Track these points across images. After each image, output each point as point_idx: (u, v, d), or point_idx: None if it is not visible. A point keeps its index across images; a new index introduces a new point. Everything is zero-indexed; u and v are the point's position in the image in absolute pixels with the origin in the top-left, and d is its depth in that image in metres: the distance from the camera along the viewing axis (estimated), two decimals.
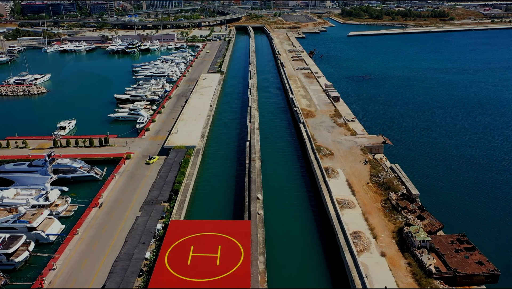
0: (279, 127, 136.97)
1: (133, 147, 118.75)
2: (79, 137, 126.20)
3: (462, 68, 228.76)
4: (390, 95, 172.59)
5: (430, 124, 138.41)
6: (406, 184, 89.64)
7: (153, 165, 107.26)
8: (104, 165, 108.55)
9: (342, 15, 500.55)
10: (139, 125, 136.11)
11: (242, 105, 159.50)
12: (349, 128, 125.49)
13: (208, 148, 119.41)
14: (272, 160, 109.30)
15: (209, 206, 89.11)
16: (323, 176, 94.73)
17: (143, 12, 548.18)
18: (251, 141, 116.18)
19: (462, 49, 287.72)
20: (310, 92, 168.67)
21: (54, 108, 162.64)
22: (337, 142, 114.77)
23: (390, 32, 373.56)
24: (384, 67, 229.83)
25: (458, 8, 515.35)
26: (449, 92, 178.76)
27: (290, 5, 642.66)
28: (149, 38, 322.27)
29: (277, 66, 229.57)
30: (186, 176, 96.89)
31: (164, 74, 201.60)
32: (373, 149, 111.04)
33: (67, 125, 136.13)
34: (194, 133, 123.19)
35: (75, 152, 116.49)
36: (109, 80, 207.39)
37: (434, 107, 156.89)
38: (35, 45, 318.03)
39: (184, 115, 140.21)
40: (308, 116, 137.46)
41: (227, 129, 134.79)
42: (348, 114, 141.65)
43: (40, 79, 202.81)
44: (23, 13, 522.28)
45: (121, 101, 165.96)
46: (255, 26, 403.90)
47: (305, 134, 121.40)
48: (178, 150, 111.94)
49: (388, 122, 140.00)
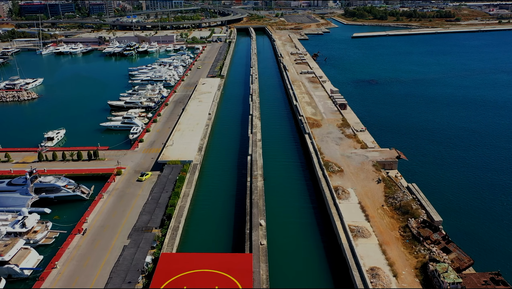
0: (283, 138, 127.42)
1: (124, 161, 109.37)
2: (67, 149, 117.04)
3: (475, 71, 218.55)
4: (400, 102, 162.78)
5: (449, 137, 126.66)
6: (427, 208, 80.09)
7: (146, 182, 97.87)
8: (92, 182, 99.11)
9: (345, 16, 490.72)
10: (133, 136, 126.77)
11: (243, 112, 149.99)
12: (359, 140, 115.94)
13: (206, 163, 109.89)
14: (276, 178, 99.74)
15: (205, 234, 79.62)
16: (333, 197, 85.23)
17: (142, 12, 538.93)
18: (252, 155, 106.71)
19: (472, 51, 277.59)
20: (315, 98, 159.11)
21: (44, 116, 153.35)
22: (347, 157, 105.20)
23: (395, 33, 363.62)
24: (391, 71, 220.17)
25: (464, 8, 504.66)
26: (465, 98, 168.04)
27: (292, 5, 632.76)
28: (148, 39, 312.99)
29: (280, 69, 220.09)
30: (180, 197, 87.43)
31: (162, 78, 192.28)
32: (386, 165, 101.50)
33: (55, 135, 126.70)
34: (191, 145, 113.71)
35: (62, 166, 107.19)
36: (104, 84, 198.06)
37: (451, 117, 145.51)
38: (30, 46, 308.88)
39: (181, 125, 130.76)
40: (314, 126, 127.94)
41: (226, 141, 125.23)
42: (357, 123, 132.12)
43: (31, 83, 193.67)
44: (21, 14, 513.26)
45: (115, 108, 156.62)
46: (257, 27, 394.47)
47: (311, 146, 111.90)
48: (173, 165, 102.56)
49: (400, 132, 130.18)
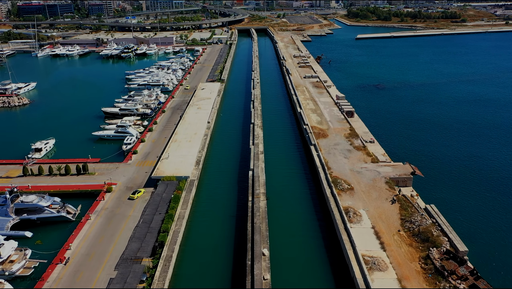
0: (287, 150, 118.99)
1: (116, 176, 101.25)
2: (55, 162, 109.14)
3: (487, 75, 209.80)
4: (410, 109, 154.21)
5: (468, 149, 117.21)
6: (449, 235, 71.62)
7: (138, 200, 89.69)
8: (80, 200, 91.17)
9: (348, 16, 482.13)
10: (126, 146, 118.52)
11: (244, 121, 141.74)
12: (369, 153, 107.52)
13: (204, 178, 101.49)
14: (280, 196, 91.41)
15: (201, 265, 71.21)
16: (343, 221, 76.90)
17: (142, 13, 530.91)
18: (254, 170, 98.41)
19: (481, 53, 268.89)
20: (320, 105, 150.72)
21: (34, 124, 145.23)
22: (357, 172, 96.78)
23: (400, 34, 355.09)
24: (398, 74, 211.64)
25: (469, 9, 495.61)
26: (481, 104, 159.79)
27: (294, 6, 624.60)
28: (146, 41, 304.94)
29: (282, 73, 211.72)
30: (175, 220, 79.17)
31: (159, 83, 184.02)
32: (400, 182, 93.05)
33: (43, 146, 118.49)
34: (188, 158, 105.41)
35: (48, 182, 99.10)
36: (99, 89, 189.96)
37: (468, 125, 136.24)
38: (26, 48, 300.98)
39: (178, 135, 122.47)
40: (320, 136, 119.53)
41: (226, 153, 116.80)
42: (365, 133, 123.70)
43: (23, 88, 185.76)
44: (19, 14, 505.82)
45: (109, 115, 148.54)
46: (258, 28, 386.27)
47: (317, 160, 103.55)
48: (168, 182, 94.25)
49: (412, 143, 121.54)
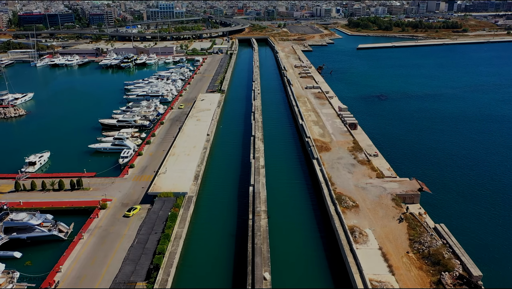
0: (288, 164, 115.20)
1: (111, 191, 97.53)
2: (49, 176, 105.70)
3: (492, 85, 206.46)
4: (414, 121, 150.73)
5: (477, 163, 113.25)
6: (461, 257, 67.62)
7: (133, 218, 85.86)
8: (73, 218, 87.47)
9: (349, 26, 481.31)
10: (123, 160, 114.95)
11: (245, 133, 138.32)
12: (374, 167, 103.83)
13: (202, 194, 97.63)
14: (281, 214, 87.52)
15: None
16: (349, 241, 72.95)
17: (142, 23, 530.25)
18: (255, 186, 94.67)
19: (484, 64, 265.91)
20: (323, 117, 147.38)
21: (29, 136, 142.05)
22: (362, 188, 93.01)
23: (402, 44, 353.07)
24: (401, 85, 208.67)
25: (470, 19, 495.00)
26: (487, 116, 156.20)
27: (294, 16, 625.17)
28: (146, 51, 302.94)
29: (284, 83, 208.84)
30: (171, 241, 75.23)
31: (158, 93, 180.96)
32: (407, 198, 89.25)
33: (37, 159, 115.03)
34: (186, 173, 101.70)
35: (40, 197, 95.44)
36: (97, 99, 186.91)
37: (476, 138, 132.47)
38: (26, 58, 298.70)
39: (176, 148, 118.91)
40: (323, 150, 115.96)
41: (226, 167, 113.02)
42: (369, 146, 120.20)
43: (20, 99, 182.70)
44: (20, 24, 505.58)
45: (106, 127, 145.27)
46: (259, 38, 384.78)
47: (320, 175, 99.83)
48: (165, 198, 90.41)
49: (418, 157, 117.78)
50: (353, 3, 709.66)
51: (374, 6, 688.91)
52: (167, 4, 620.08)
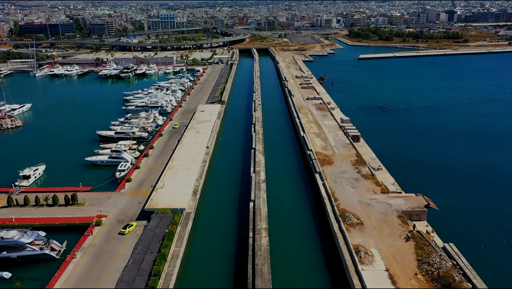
0: (290, 178, 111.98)
1: (107, 206, 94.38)
2: (43, 190, 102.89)
3: (496, 97, 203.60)
4: (418, 133, 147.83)
5: (485, 178, 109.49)
6: (473, 280, 64.20)
7: (129, 236, 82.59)
8: (67, 235, 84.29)
9: (350, 36, 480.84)
10: (120, 173, 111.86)
11: (245, 145, 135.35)
12: (378, 182, 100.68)
13: (201, 210, 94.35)
14: (283, 231, 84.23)
15: None
16: (354, 263, 69.55)
17: (143, 33, 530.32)
18: (255, 201, 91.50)
19: (486, 75, 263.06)
20: (325, 129, 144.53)
21: (25, 147, 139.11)
22: (366, 204, 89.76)
23: (403, 54, 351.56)
24: (403, 96, 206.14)
25: (471, 29, 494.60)
26: (494, 128, 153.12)
27: (295, 26, 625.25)
28: (146, 61, 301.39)
29: (285, 94, 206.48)
30: (168, 261, 71.88)
31: (158, 104, 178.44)
32: (413, 215, 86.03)
33: (32, 173, 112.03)
34: (184, 188, 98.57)
35: (33, 213, 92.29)
36: (96, 110, 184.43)
37: (482, 151, 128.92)
38: (25, 68, 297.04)
39: (174, 161, 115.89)
40: (325, 163, 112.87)
41: (226, 181, 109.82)
42: (373, 159, 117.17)
43: (18, 109, 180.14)
44: (21, 34, 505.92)
45: (104, 139, 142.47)
46: (260, 48, 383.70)
47: (323, 190, 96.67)
48: (162, 214, 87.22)
49: (423, 171, 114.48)
50: (353, 14, 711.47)
51: (374, 16, 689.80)
52: (168, 14, 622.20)
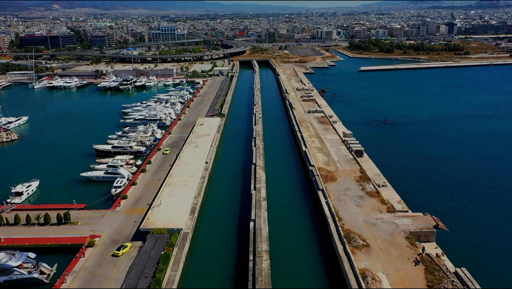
0: (292, 195, 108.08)
1: (101, 226, 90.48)
2: (35, 208, 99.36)
3: (500, 109, 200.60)
4: (423, 147, 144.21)
5: (496, 195, 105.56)
6: None
7: (123, 258, 78.49)
8: (58, 256, 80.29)
9: (350, 48, 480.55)
10: (115, 190, 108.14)
11: (245, 160, 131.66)
12: (383, 200, 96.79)
13: (199, 230, 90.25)
14: (285, 254, 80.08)
15: None
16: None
17: (143, 44, 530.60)
18: (256, 221, 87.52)
19: (489, 87, 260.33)
20: (327, 143, 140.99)
21: (19, 162, 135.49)
22: (372, 225, 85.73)
23: (404, 67, 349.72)
24: (406, 108, 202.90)
25: (471, 41, 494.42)
26: (502, 142, 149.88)
27: (295, 38, 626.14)
28: (146, 73, 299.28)
29: (285, 107, 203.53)
30: (163, 287, 67.66)
31: (156, 117, 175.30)
32: (422, 236, 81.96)
33: (25, 189, 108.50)
34: (182, 206, 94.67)
35: (24, 233, 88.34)
36: (94, 123, 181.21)
37: (491, 166, 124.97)
38: (24, 80, 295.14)
39: (172, 178, 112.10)
40: (328, 180, 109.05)
41: (225, 199, 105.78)
42: (377, 175, 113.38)
43: (14, 122, 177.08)
44: (22, 46, 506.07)
45: (101, 153, 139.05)
46: (260, 60, 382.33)
47: (326, 209, 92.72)
48: (158, 235, 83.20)
49: (430, 189, 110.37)
50: (353, 26, 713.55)
51: (374, 28, 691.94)
52: (169, 26, 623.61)
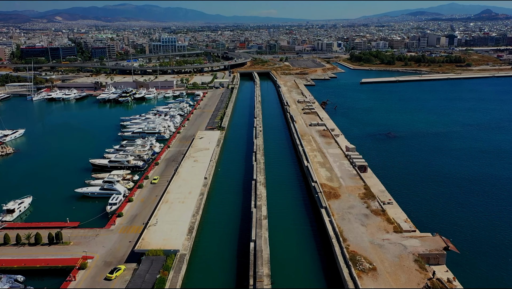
0: (294, 213, 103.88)
1: (94, 246, 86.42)
2: (27, 226, 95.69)
3: (505, 122, 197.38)
4: (428, 162, 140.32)
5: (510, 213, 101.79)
6: None
7: (116, 281, 74.37)
8: (48, 279, 76.41)
9: (351, 60, 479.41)
10: (111, 207, 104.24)
11: (245, 175, 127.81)
12: (389, 219, 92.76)
13: (197, 251, 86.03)
14: (288, 279, 75.74)
15: None
16: None
17: (144, 56, 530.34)
18: (256, 242, 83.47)
19: (492, 99, 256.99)
20: (329, 158, 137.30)
21: (13, 177, 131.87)
22: (379, 246, 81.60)
23: (406, 79, 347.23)
24: (409, 122, 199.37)
25: (472, 53, 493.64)
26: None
27: (296, 50, 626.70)
28: (146, 85, 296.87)
29: (286, 120, 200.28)
30: None
31: (155, 130, 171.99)
32: (431, 259, 77.85)
33: (17, 206, 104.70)
34: (179, 225, 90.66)
35: (13, 253, 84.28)
36: (91, 136, 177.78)
37: (505, 186, 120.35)
38: (23, 92, 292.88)
39: (170, 194, 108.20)
40: (331, 197, 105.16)
41: (224, 217, 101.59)
42: (382, 192, 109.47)
43: (10, 135, 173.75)
44: (22, 57, 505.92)
45: (97, 168, 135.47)
46: (261, 72, 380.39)
47: (330, 228, 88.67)
48: (153, 257, 79.02)
49: (438, 206, 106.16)
50: (354, 38, 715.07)
51: (375, 40, 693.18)
52: (170, 38, 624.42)
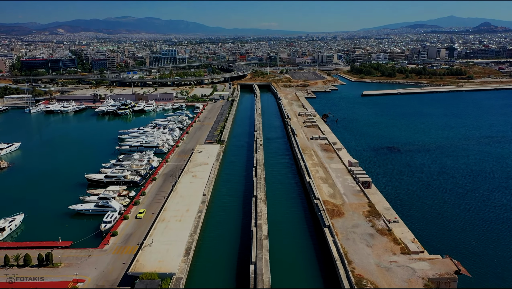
0: (295, 232, 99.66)
1: (86, 268, 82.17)
2: (15, 246, 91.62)
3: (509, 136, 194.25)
4: (434, 178, 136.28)
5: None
6: None
7: None
8: None
9: (352, 72, 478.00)
10: (105, 225, 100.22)
11: (245, 191, 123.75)
12: (396, 239, 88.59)
13: (194, 274, 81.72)
14: None
15: None
16: None
17: (144, 68, 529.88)
18: (257, 264, 79.24)
19: (495, 112, 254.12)
20: (332, 173, 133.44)
21: (6, 193, 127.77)
22: (386, 269, 77.32)
23: (407, 91, 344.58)
24: (412, 135, 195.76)
25: (473, 65, 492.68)
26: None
27: (296, 62, 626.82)
28: (145, 97, 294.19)
29: (287, 133, 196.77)
30: None
31: (153, 144, 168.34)
32: (442, 283, 73.60)
33: (7, 225, 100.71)
34: (176, 246, 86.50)
35: (1, 277, 79.86)
36: (88, 150, 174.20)
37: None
38: (21, 104, 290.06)
39: (167, 212, 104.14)
40: (335, 215, 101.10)
41: (223, 236, 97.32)
42: (387, 209, 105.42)
43: (5, 149, 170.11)
44: (22, 69, 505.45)
45: (93, 183, 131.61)
46: (261, 84, 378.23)
47: (334, 249, 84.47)
48: (147, 281, 74.75)
49: (446, 225, 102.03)
50: (354, 50, 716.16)
51: (375, 52, 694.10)
52: (170, 50, 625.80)
